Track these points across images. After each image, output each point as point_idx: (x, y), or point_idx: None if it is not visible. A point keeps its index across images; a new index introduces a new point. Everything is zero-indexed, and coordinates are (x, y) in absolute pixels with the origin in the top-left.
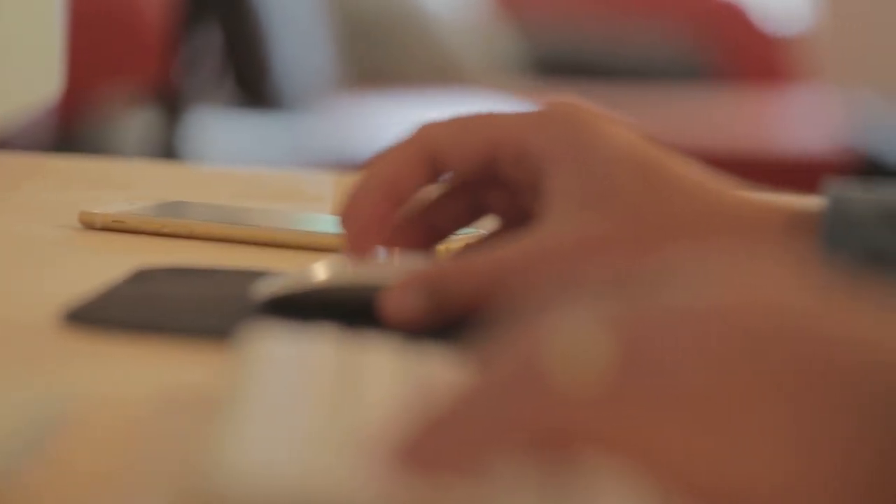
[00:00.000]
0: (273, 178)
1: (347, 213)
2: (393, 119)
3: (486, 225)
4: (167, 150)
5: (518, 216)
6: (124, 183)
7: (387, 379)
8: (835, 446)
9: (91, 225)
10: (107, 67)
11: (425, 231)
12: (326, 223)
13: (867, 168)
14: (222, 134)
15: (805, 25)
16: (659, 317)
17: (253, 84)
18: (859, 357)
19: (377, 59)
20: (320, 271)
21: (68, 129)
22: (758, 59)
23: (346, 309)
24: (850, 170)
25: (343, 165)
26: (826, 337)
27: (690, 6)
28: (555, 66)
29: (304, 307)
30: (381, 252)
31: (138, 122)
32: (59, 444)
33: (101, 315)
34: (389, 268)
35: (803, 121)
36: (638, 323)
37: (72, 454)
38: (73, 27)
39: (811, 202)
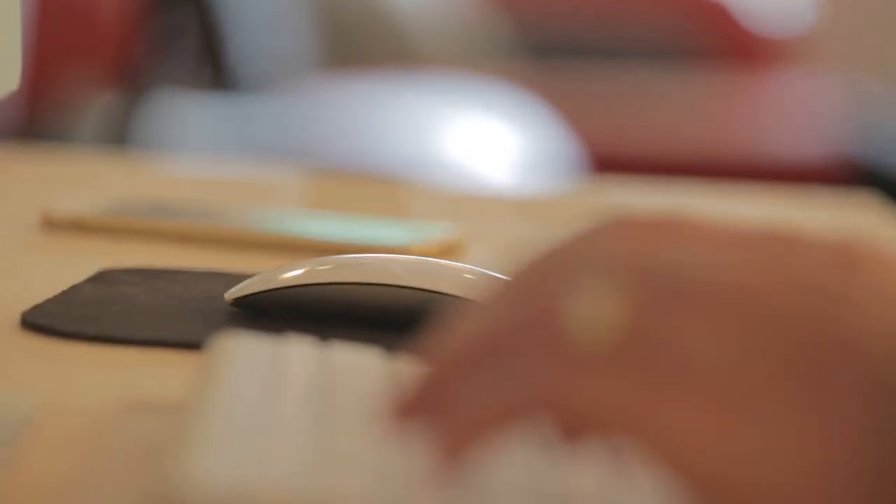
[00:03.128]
0: (241, 174)
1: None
2: (365, 103)
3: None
4: (133, 135)
5: None
6: (88, 180)
7: (359, 389)
8: (851, 433)
9: (53, 224)
10: (69, 53)
11: None
12: (296, 222)
13: (861, 174)
14: (190, 118)
15: (800, 23)
16: (682, 288)
17: (222, 68)
18: (884, 347)
19: (349, 42)
20: (290, 271)
21: (32, 116)
22: (747, 57)
23: (317, 309)
24: (843, 174)
25: (312, 150)
26: (851, 324)
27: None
28: (539, 48)
29: (273, 308)
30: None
31: (103, 107)
32: (19, 449)
33: (60, 321)
34: (366, 265)
35: (794, 119)
36: (660, 290)
37: (32, 460)
38: (34, 14)
39: None
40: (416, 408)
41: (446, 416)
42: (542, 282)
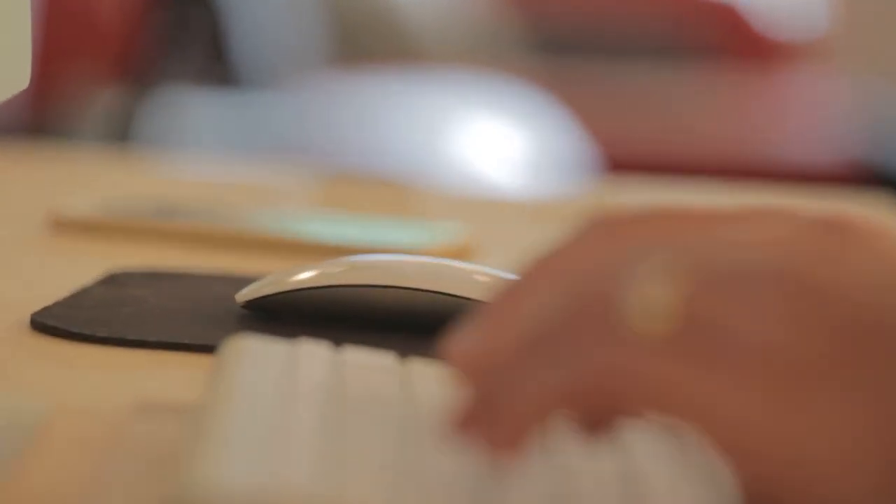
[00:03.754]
0: (250, 173)
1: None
2: (373, 101)
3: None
4: (138, 132)
5: None
6: (96, 181)
7: (372, 392)
8: None
9: (62, 226)
10: (75, 50)
11: None
12: (307, 224)
13: (873, 175)
14: (196, 115)
15: (813, 26)
16: (736, 270)
17: (228, 64)
18: None
19: (357, 39)
20: (302, 273)
21: (37, 113)
22: (759, 59)
23: (329, 311)
24: (855, 176)
25: (319, 147)
26: None
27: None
28: (550, 47)
29: (285, 310)
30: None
31: (108, 103)
32: (30, 452)
33: (70, 323)
34: (379, 267)
35: (806, 120)
36: (713, 273)
37: (43, 463)
38: (40, 11)
39: None
40: (473, 405)
41: (503, 402)
42: (594, 268)
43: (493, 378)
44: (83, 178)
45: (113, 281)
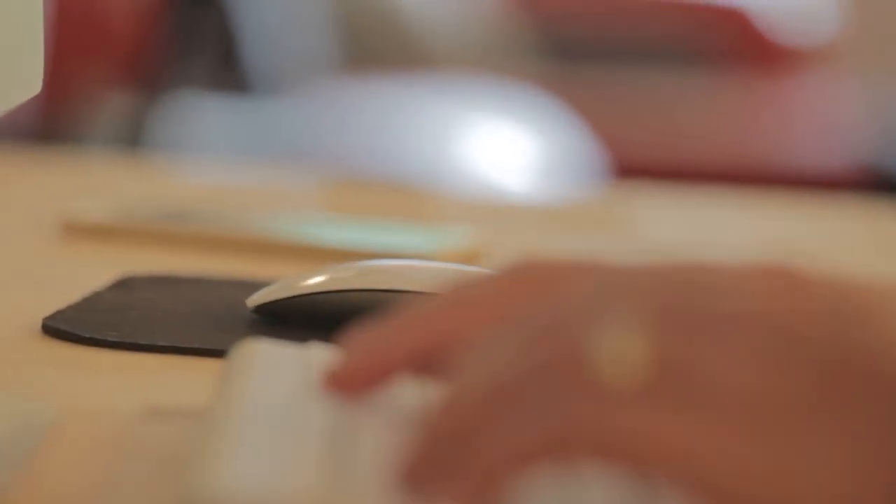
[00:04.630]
0: (260, 178)
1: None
2: (382, 106)
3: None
4: (149, 137)
5: None
6: (108, 186)
7: (382, 397)
8: (881, 455)
9: (74, 230)
10: (86, 54)
11: None
12: (317, 228)
13: (884, 181)
14: (207, 120)
15: (823, 31)
16: (709, 316)
17: (239, 70)
18: None
19: (367, 45)
20: (312, 278)
21: (49, 117)
22: (769, 64)
23: (339, 316)
24: (866, 182)
25: (329, 153)
26: (873, 347)
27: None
28: (560, 52)
29: (295, 315)
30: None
31: (119, 109)
32: (41, 455)
33: (81, 327)
34: (389, 271)
35: (817, 126)
36: (683, 320)
37: (54, 466)
38: (51, 15)
39: None
40: (432, 464)
41: (467, 463)
42: (559, 322)
43: (458, 431)
44: (95, 183)
45: (124, 285)
